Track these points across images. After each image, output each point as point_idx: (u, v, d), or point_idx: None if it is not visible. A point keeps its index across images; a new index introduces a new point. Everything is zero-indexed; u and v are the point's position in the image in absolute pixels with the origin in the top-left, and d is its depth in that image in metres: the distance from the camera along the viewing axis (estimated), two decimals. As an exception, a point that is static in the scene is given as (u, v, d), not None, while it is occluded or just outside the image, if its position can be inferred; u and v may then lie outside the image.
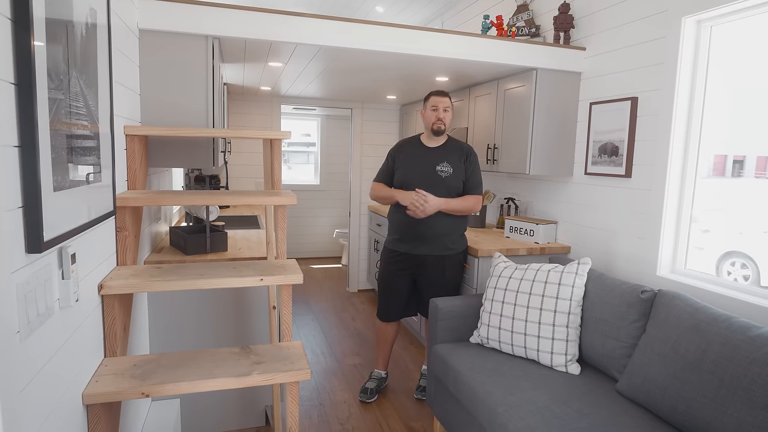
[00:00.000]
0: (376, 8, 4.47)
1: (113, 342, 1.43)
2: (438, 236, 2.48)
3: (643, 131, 2.29)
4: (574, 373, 2.00)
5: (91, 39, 1.27)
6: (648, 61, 2.25)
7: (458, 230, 2.55)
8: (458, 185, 2.48)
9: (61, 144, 1.05)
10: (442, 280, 2.54)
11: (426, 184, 2.43)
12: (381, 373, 2.77)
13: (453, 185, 2.46)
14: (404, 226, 2.51)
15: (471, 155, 2.53)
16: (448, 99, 2.50)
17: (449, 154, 2.49)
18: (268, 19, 2.07)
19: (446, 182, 2.44)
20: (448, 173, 2.45)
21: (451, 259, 2.53)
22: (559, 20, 2.72)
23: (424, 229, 2.47)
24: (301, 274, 1.60)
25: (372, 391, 2.65)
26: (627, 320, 1.92)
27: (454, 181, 2.45)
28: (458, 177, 2.47)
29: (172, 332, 2.09)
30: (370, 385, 2.68)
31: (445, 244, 2.50)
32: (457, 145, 2.55)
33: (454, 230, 2.52)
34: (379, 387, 2.71)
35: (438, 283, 2.55)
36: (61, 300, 1.08)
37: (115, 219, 1.56)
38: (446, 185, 2.44)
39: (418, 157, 2.51)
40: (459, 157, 2.50)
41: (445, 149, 2.52)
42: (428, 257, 2.51)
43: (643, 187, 2.28)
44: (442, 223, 2.46)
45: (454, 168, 2.46)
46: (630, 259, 2.36)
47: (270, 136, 1.90)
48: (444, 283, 2.55)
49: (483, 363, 2.06)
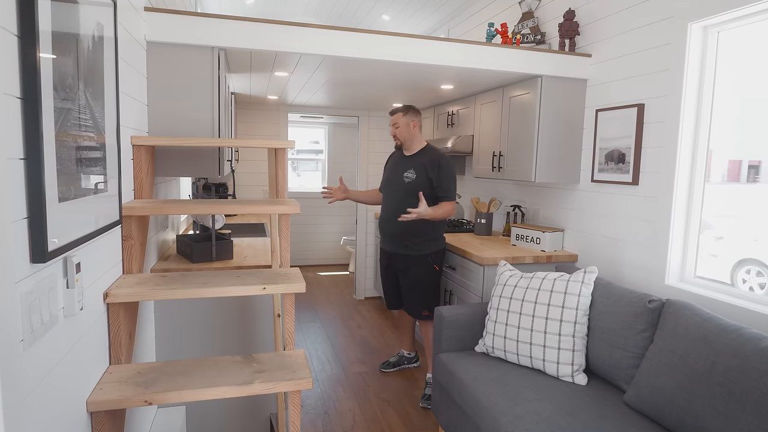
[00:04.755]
0: (383, 17, 4.51)
1: (118, 349, 1.44)
2: (399, 236, 2.76)
3: (650, 138, 2.27)
4: (580, 383, 1.98)
5: (97, 52, 1.30)
6: (654, 67, 2.24)
7: (423, 233, 2.73)
8: (421, 189, 2.65)
9: (67, 155, 1.07)
10: (411, 278, 2.78)
11: (393, 187, 2.80)
12: (403, 352, 3.19)
13: (413, 191, 2.68)
14: (380, 224, 2.93)
15: (442, 163, 2.69)
16: (399, 115, 2.76)
17: (418, 162, 2.74)
18: (273, 30, 2.10)
19: (407, 187, 2.72)
20: (411, 179, 2.72)
21: (416, 260, 2.76)
22: (565, 27, 2.71)
23: (388, 228, 2.81)
24: (303, 283, 1.60)
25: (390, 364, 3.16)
26: (634, 330, 1.89)
27: (414, 187, 2.69)
28: (421, 183, 2.68)
29: (178, 339, 2.11)
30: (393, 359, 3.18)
31: (407, 245, 2.76)
32: (430, 154, 2.75)
33: (418, 233, 2.72)
34: (398, 363, 3.17)
35: (408, 281, 2.80)
36: (65, 308, 1.09)
37: (122, 228, 1.58)
38: (407, 189, 2.72)
39: (396, 165, 2.86)
40: (427, 165, 2.69)
41: (417, 158, 2.77)
42: (395, 255, 2.83)
43: (651, 195, 2.26)
44: (403, 224, 2.70)
45: (418, 174, 2.70)
46: (638, 267, 2.33)
47: (274, 146, 1.91)
48: (412, 281, 2.78)
49: (488, 372, 2.04)
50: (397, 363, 3.16)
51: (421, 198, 2.53)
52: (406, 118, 2.75)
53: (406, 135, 2.77)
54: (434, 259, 2.77)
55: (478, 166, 3.28)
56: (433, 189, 2.67)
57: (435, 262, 2.78)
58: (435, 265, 2.78)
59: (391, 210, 2.78)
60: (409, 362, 3.18)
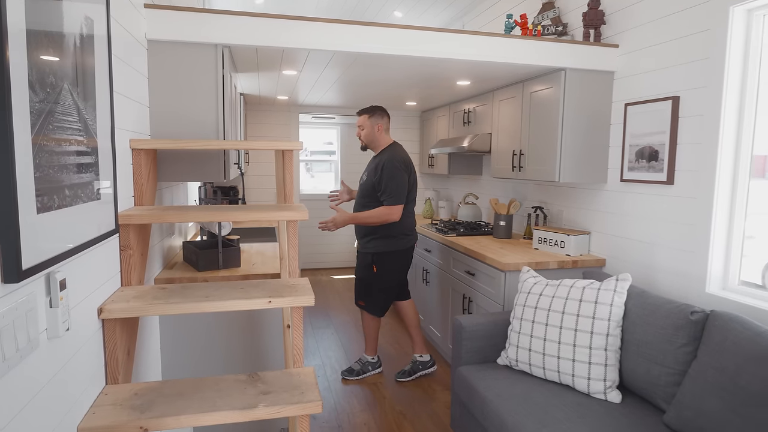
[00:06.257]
0: (395, 13, 4.38)
1: (115, 368, 1.34)
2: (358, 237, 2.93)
3: (686, 133, 2.10)
4: (614, 401, 1.82)
5: (87, 50, 1.20)
6: (691, 56, 2.06)
7: (368, 233, 2.84)
8: (370, 191, 2.79)
9: (48, 161, 0.97)
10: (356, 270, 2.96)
11: (358, 189, 2.93)
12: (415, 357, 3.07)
13: (365, 191, 2.82)
14: None
15: (384, 166, 2.73)
16: (364, 117, 2.82)
17: (372, 164, 2.83)
18: (279, 25, 1.99)
19: (361, 188, 2.87)
20: (363, 180, 2.86)
21: (361, 256, 2.92)
22: (589, 16, 2.55)
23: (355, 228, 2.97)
24: (311, 296, 1.49)
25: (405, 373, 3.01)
26: (674, 344, 1.73)
27: (365, 188, 2.82)
28: (370, 185, 2.79)
29: (184, 352, 2.01)
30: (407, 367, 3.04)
31: (360, 242, 2.94)
32: (383, 155, 2.79)
33: (366, 233, 2.85)
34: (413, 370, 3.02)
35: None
36: (48, 330, 0.99)
37: (119, 237, 1.48)
38: (361, 191, 2.87)
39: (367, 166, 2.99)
40: (376, 168, 2.77)
41: (373, 160, 2.86)
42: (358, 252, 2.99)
43: (688, 195, 2.08)
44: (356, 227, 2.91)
45: (368, 176, 2.82)
46: (674, 273, 2.16)
47: (281, 147, 1.80)
48: (355, 273, 2.97)
49: (512, 388, 1.89)
50: (412, 371, 3.03)
51: (336, 207, 2.79)
52: (371, 120, 2.79)
53: (370, 137, 2.83)
54: (375, 259, 2.84)
55: (497, 166, 3.12)
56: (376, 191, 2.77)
57: (375, 263, 2.84)
58: (374, 265, 2.85)
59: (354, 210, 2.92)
60: (424, 367, 3.03)
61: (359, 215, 2.75)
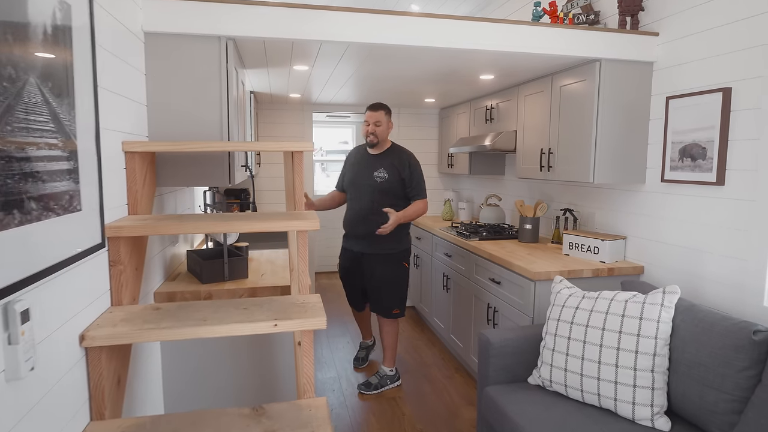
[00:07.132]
0: (412, 6, 4.19)
1: (100, 402, 1.19)
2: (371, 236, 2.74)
3: (739, 128, 1.87)
4: (662, 429, 1.62)
5: (60, 41, 1.04)
6: (744, 43, 1.83)
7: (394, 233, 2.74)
8: (394, 189, 2.73)
9: (4, 169, 0.82)
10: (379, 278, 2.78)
11: (362, 187, 2.77)
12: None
13: (387, 189, 2.72)
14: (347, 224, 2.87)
15: (411, 162, 2.75)
16: (382, 113, 2.71)
17: (388, 161, 2.75)
18: (288, 14, 1.82)
19: (380, 186, 2.73)
20: (383, 178, 2.72)
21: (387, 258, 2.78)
22: (625, 2, 2.32)
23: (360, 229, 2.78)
24: (323, 317, 1.31)
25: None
26: (734, 367, 1.52)
27: (388, 185, 2.72)
28: (394, 182, 2.72)
29: (187, 377, 1.86)
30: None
31: (380, 245, 2.77)
32: (398, 153, 2.77)
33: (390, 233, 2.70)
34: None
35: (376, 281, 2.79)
36: (6, 372, 0.84)
37: (108, 252, 1.33)
38: (380, 189, 2.73)
39: (361, 164, 2.83)
40: (397, 164, 2.72)
41: (385, 157, 2.77)
42: (365, 255, 2.81)
43: (743, 197, 1.85)
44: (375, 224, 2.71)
45: (390, 174, 2.72)
46: (724, 284, 1.93)
47: (290, 148, 1.63)
48: (381, 281, 2.79)
49: (547, 414, 1.70)
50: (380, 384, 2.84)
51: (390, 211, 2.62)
52: (387, 117, 2.74)
53: (385, 134, 2.76)
54: (404, 256, 2.83)
55: (523, 166, 2.91)
56: (405, 188, 2.74)
57: (404, 260, 2.84)
58: (404, 262, 2.84)
59: (362, 210, 2.77)
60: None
61: (408, 212, 2.72)
